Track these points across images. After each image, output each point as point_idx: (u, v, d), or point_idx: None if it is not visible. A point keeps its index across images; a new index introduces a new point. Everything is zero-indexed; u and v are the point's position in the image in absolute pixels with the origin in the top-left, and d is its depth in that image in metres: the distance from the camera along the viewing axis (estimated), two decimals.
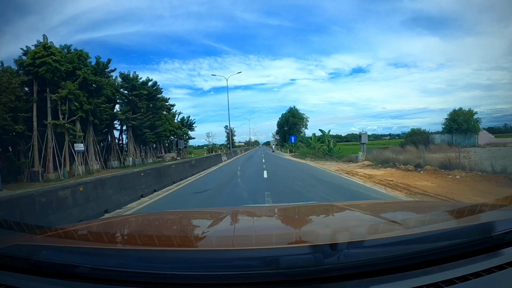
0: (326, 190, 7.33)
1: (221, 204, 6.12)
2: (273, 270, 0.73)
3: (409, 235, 0.86)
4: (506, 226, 0.87)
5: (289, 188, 7.90)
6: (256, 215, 1.70)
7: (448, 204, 2.84)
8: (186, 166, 12.53)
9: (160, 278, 0.77)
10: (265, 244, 0.92)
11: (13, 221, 1.16)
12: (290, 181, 9.49)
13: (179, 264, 0.81)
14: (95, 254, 0.90)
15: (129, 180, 7.01)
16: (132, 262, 0.83)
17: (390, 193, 6.67)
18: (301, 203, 4.10)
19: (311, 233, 1.15)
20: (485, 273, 0.78)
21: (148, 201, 6.89)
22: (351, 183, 8.60)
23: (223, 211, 1.69)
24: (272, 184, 8.89)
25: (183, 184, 10.03)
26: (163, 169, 9.71)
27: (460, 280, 0.76)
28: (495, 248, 0.86)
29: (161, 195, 7.75)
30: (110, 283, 0.79)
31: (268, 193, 7.04)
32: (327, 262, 0.73)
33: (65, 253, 0.91)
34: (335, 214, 1.64)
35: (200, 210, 2.95)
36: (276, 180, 9.91)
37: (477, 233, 0.88)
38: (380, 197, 6.20)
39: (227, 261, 0.79)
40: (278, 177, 10.90)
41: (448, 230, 0.91)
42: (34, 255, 0.85)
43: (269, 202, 5.94)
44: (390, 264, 0.78)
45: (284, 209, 1.96)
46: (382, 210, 1.71)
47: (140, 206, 6.40)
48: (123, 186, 6.58)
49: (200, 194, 7.80)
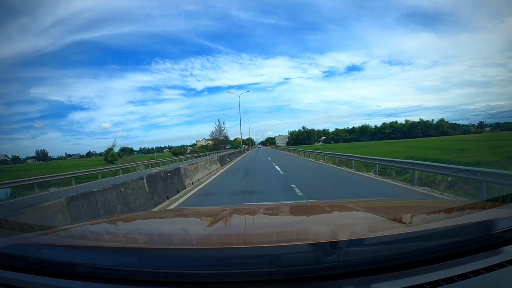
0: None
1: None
2: (274, 268, 0.73)
3: (409, 233, 0.86)
4: (506, 224, 0.87)
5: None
6: (256, 213, 1.70)
7: (448, 202, 2.86)
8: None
9: (160, 277, 0.77)
10: (265, 242, 0.93)
11: (13, 221, 1.15)
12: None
13: (179, 262, 0.81)
14: (96, 252, 0.90)
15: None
16: (133, 260, 0.83)
17: None
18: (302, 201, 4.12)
19: (312, 231, 1.15)
20: (485, 271, 0.78)
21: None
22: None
23: (223, 209, 1.68)
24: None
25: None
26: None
27: (461, 278, 0.76)
28: (495, 246, 0.86)
29: None
30: (110, 282, 0.79)
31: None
32: (328, 260, 0.73)
33: (65, 252, 0.91)
34: (335, 212, 1.64)
35: (200, 208, 2.95)
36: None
37: (477, 231, 0.88)
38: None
39: (228, 259, 0.80)
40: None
41: (448, 228, 0.91)
42: (34, 254, 0.84)
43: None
44: (390, 262, 0.78)
45: (285, 207, 1.96)
46: (383, 207, 1.72)
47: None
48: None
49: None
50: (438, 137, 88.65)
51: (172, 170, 8.06)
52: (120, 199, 5.01)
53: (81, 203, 3.97)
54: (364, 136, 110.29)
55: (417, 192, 6.46)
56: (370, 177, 9.40)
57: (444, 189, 6.66)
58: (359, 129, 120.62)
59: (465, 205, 1.28)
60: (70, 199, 3.74)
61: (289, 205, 2.12)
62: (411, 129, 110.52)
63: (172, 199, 6.94)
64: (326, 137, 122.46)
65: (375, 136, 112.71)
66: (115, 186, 4.99)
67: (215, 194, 7.50)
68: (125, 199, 5.16)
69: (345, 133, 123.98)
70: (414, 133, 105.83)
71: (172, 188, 7.47)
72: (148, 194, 6.00)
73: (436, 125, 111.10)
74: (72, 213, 3.67)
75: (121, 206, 4.93)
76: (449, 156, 17.86)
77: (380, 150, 32.04)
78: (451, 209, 1.27)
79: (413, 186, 7.29)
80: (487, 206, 1.17)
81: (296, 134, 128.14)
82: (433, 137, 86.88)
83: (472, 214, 1.13)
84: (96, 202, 4.33)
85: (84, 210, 3.96)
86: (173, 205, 6.24)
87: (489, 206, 1.17)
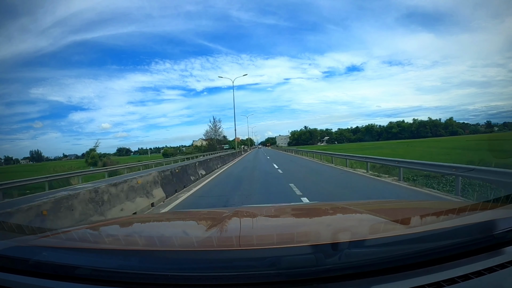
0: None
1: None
2: (274, 270, 0.73)
3: (410, 234, 0.86)
4: (507, 225, 0.86)
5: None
6: (257, 215, 1.70)
7: (449, 203, 2.83)
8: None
9: (161, 279, 0.77)
10: (266, 244, 0.93)
11: (13, 223, 1.17)
12: None
13: (180, 265, 0.81)
14: (96, 255, 0.91)
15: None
16: (133, 263, 0.83)
17: None
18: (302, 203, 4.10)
19: (312, 232, 1.15)
20: (487, 272, 0.77)
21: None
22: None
23: (224, 211, 1.69)
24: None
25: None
26: None
27: (462, 279, 0.75)
28: (496, 246, 0.86)
29: None
30: (111, 284, 0.79)
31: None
32: (329, 262, 0.73)
33: (65, 254, 0.91)
34: (336, 214, 1.64)
35: (201, 211, 2.96)
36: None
37: (479, 232, 0.87)
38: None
39: (228, 262, 0.80)
40: None
41: (449, 229, 0.90)
42: (34, 256, 0.85)
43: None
44: (391, 263, 0.78)
45: (285, 209, 1.95)
46: (383, 209, 1.71)
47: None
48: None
49: None
50: (448, 137, 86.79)
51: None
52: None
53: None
54: (369, 136, 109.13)
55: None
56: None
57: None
58: (364, 129, 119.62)
59: (466, 206, 1.26)
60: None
61: (290, 207, 2.12)
62: (419, 129, 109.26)
63: None
64: (330, 137, 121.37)
65: (381, 136, 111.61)
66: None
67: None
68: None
69: (349, 133, 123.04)
70: (423, 133, 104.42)
71: None
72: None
73: (445, 124, 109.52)
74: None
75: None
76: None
77: (405, 151, 26.64)
78: (452, 210, 1.25)
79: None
80: (488, 207, 1.16)
81: (298, 134, 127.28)
82: (442, 137, 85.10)
83: (473, 215, 1.13)
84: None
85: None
86: None
87: (490, 206, 1.16)
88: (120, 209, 5.11)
